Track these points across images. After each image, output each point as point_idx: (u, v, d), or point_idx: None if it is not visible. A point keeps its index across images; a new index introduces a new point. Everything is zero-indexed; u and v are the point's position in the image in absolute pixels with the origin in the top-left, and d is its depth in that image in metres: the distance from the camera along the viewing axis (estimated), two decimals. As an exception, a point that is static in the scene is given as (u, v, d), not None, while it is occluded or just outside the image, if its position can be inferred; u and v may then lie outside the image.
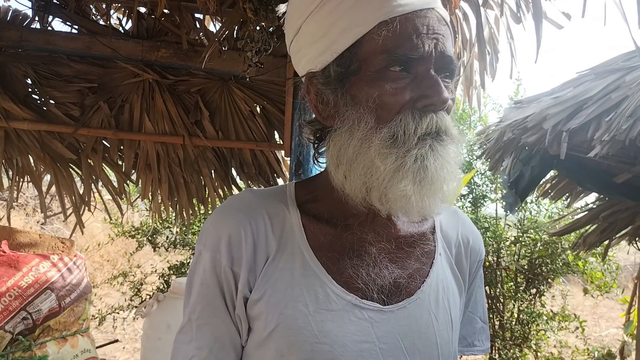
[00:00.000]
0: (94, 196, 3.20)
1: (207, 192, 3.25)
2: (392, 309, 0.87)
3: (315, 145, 0.95)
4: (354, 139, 0.82)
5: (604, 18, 1.60)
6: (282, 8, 1.36)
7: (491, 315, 5.39)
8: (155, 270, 5.66)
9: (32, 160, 3.10)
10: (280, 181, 3.38)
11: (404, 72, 0.80)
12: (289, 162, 2.81)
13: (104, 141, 3.04)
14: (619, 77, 2.62)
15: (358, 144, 0.81)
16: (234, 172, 3.26)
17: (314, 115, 0.93)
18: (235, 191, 3.34)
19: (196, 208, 3.38)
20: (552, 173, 3.99)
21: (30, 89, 2.84)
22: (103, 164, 3.09)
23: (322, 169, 0.96)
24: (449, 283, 0.97)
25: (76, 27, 2.71)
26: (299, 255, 0.87)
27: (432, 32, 0.80)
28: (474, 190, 6.09)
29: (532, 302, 5.37)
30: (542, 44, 1.78)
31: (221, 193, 3.26)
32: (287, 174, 3.22)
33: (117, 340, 3.30)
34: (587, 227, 4.21)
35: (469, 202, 6.11)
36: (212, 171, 3.20)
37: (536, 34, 1.77)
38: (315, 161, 0.96)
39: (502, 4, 1.98)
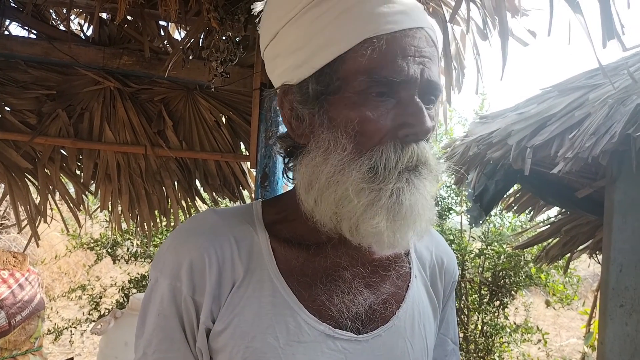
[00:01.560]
0: (50, 207, 3.08)
1: (169, 204, 3.17)
2: (367, 338, 0.83)
3: (286, 160, 0.89)
4: (328, 164, 0.76)
5: (568, 37, 1.62)
6: (258, 6, 1.27)
7: (456, 328, 5.42)
8: (115, 283, 5.51)
9: (-16, 169, 2.96)
10: (245, 193, 3.33)
11: (387, 96, 0.75)
12: (254, 174, 2.76)
13: (61, 150, 2.94)
14: (582, 94, 2.67)
15: (332, 171, 0.76)
16: (197, 183, 3.19)
17: (285, 129, 0.87)
18: (199, 203, 3.27)
19: (158, 220, 3.30)
20: (515, 187, 4.05)
21: (-16, 95, 2.72)
22: (60, 174, 2.98)
23: (291, 184, 0.91)
24: (425, 307, 0.93)
25: (34, 31, 2.62)
26: (268, 281, 0.81)
27: (419, 55, 0.75)
28: (440, 203, 6.14)
29: (496, 314, 5.43)
30: (508, 61, 1.79)
31: (184, 205, 3.19)
32: (252, 185, 3.17)
33: (72, 358, 3.17)
34: (550, 241, 4.29)
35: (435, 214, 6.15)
36: (175, 182, 3.12)
37: (502, 51, 1.77)
38: (285, 176, 0.90)
39: (468, 20, 1.98)
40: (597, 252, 4.08)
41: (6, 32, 2.60)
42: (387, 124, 0.75)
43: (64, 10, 2.71)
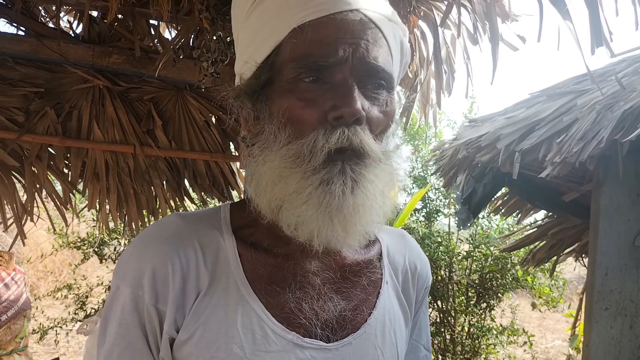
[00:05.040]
0: (37, 205, 3.05)
1: (158, 204, 3.15)
2: (337, 347, 0.81)
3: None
4: (264, 154, 0.76)
5: (558, 43, 1.63)
6: None
7: (442, 330, 5.45)
8: (102, 283, 5.47)
9: (-30, 167, 2.93)
10: (234, 193, 3.32)
11: (319, 82, 0.73)
12: (244, 174, 2.76)
13: (49, 148, 2.91)
14: (570, 99, 2.69)
15: (265, 160, 0.76)
16: (186, 183, 3.17)
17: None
18: (187, 203, 3.26)
19: (146, 220, 3.28)
20: (503, 190, 4.08)
21: (-29, 92, 2.68)
22: (48, 172, 2.95)
23: None
24: (396, 314, 0.91)
25: (23, 29, 2.59)
26: (235, 289, 0.78)
27: (351, 37, 0.73)
28: (428, 205, 6.18)
29: (483, 316, 5.46)
30: (498, 65, 1.80)
31: (173, 204, 3.17)
32: (242, 186, 3.17)
33: (57, 358, 3.15)
34: (536, 244, 4.32)
35: (423, 216, 6.19)
36: (164, 182, 3.10)
37: (492, 56, 1.79)
38: None
39: (459, 25, 1.99)
40: (583, 256, 4.12)
41: (-6, 29, 2.58)
42: (316, 108, 0.73)
43: (54, 8, 2.69)
